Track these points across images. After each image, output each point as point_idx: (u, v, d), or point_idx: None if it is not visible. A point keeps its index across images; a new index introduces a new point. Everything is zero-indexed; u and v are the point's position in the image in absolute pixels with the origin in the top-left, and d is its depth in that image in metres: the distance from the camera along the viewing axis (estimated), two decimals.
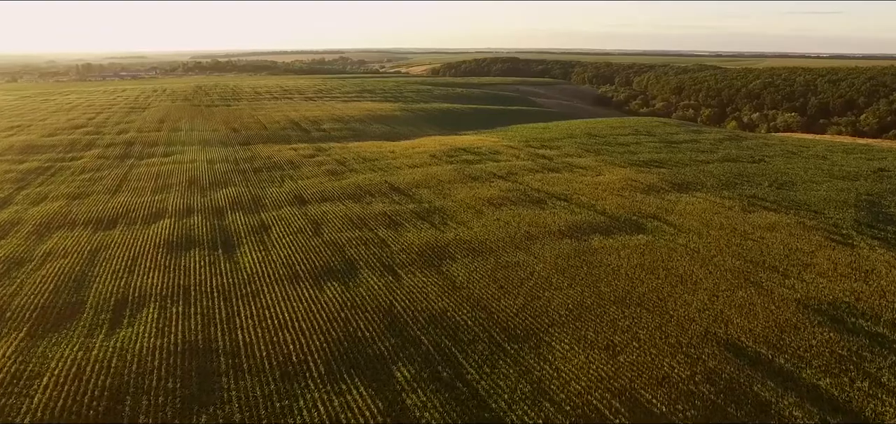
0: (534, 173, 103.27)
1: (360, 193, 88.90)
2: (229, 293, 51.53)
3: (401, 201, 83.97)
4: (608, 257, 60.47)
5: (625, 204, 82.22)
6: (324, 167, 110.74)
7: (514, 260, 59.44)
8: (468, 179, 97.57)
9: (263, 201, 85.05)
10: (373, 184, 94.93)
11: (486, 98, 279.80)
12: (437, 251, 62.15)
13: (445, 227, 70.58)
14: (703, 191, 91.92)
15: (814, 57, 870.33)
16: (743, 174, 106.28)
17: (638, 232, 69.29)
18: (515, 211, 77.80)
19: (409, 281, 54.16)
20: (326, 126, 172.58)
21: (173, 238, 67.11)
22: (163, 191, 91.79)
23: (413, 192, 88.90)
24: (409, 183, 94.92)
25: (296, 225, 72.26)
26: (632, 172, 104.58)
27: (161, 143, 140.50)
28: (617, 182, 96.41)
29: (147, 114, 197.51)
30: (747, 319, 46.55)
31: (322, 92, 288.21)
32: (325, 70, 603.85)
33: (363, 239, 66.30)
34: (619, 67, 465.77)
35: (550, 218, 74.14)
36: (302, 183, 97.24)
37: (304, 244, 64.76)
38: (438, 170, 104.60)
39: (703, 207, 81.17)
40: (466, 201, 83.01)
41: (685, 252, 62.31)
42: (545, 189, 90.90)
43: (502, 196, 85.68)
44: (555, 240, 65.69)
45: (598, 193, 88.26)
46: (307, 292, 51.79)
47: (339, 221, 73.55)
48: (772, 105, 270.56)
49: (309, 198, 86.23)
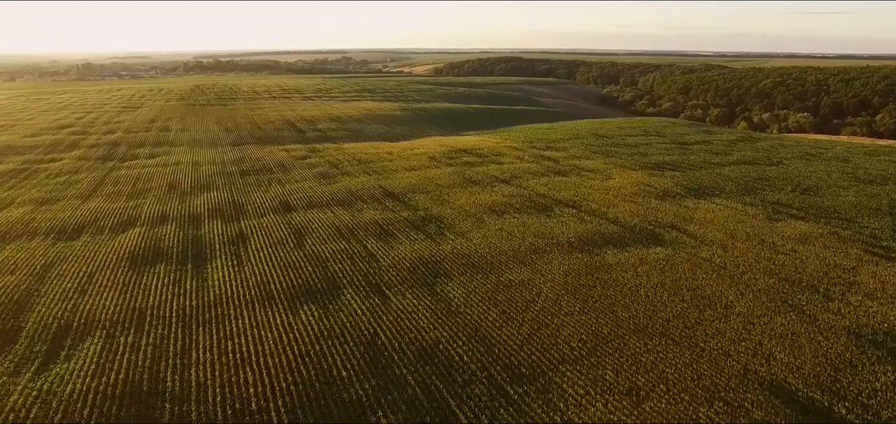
0: (539, 177, 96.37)
1: (351, 199, 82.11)
2: (190, 318, 44.76)
3: (394, 208, 77.14)
4: (624, 274, 53.54)
5: (639, 211, 75.25)
6: (315, 170, 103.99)
7: (518, 277, 52.57)
8: (468, 183, 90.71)
9: (246, 208, 78.32)
10: (366, 188, 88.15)
11: (489, 98, 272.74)
12: (431, 267, 55.31)
13: (442, 238, 63.73)
14: (722, 196, 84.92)
15: (820, 57, 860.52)
16: (762, 178, 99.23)
17: (655, 245, 62.34)
18: (519, 219, 70.91)
19: (397, 303, 47.33)
20: (323, 126, 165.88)
21: (139, 250, 60.39)
22: (139, 197, 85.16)
23: (408, 198, 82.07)
24: (405, 187, 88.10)
25: (277, 235, 65.48)
26: (644, 176, 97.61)
27: (148, 144, 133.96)
28: (628, 186, 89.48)
29: (138, 113, 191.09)
30: (792, 353, 39.61)
31: (321, 91, 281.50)
32: (327, 70, 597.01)
33: (349, 252, 59.47)
34: (623, 67, 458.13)
35: (558, 227, 67.22)
36: (290, 187, 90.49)
37: (284, 258, 57.99)
38: (437, 174, 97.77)
39: (724, 215, 74.17)
40: (466, 208, 76.15)
41: (710, 268, 55.36)
42: (552, 194, 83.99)
43: (505, 202, 78.80)
44: (563, 254, 58.79)
45: (609, 199, 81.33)
46: (280, 317, 45.00)
47: (325, 231, 66.74)
48: (783, 105, 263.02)
49: (295, 205, 79.46)
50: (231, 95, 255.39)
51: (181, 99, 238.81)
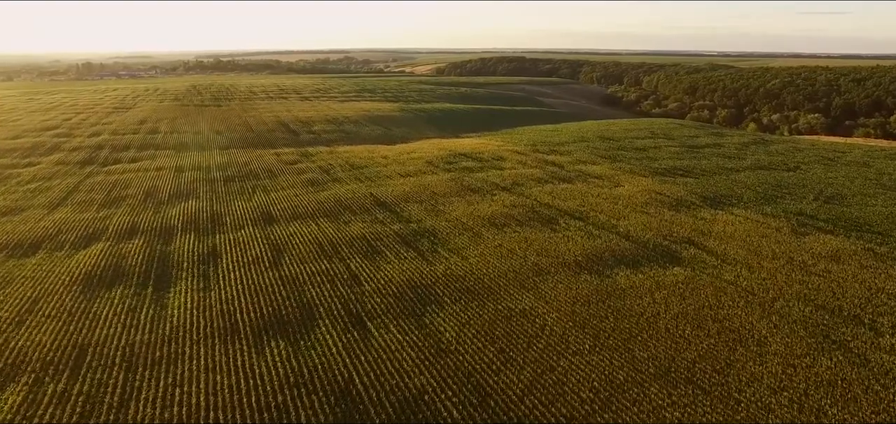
0: (542, 184, 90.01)
1: (339, 209, 75.83)
2: (137, 358, 38.54)
3: (385, 220, 70.85)
4: (640, 301, 47.16)
5: (652, 224, 68.83)
6: (304, 176, 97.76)
7: (518, 305, 46.23)
8: (467, 192, 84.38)
9: (224, 219, 72.11)
10: (356, 197, 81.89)
11: (491, 98, 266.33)
12: (420, 292, 49.01)
13: (435, 257, 57.43)
14: (740, 206, 78.48)
15: (824, 56, 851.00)
16: (781, 184, 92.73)
17: (673, 264, 55.94)
18: (521, 233, 64.57)
19: (379, 339, 41.04)
20: (318, 127, 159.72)
21: (97, 271, 54.20)
22: (111, 206, 79.03)
23: (401, 208, 75.78)
24: (398, 196, 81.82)
25: (253, 252, 59.23)
26: (654, 183, 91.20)
27: (133, 147, 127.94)
28: (639, 195, 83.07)
29: (129, 114, 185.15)
30: (848, 409, 33.25)
31: (320, 91, 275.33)
32: (328, 70, 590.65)
33: (331, 273, 53.19)
34: (627, 67, 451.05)
35: (564, 244, 60.85)
36: (275, 195, 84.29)
37: (257, 280, 51.74)
38: (433, 180, 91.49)
39: (745, 228, 67.73)
40: (463, 220, 69.83)
41: (736, 293, 48.97)
42: (556, 204, 77.62)
43: (506, 213, 72.46)
44: (570, 276, 52.44)
45: (619, 210, 74.93)
46: (242, 357, 38.76)
47: (307, 247, 60.47)
48: (792, 105, 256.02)
49: (278, 216, 73.21)
50: (227, 95, 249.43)
51: (176, 99, 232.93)
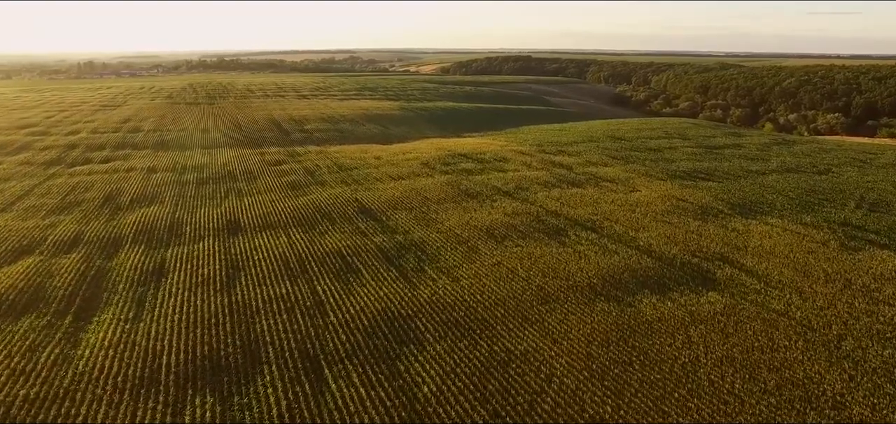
0: (549, 188, 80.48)
1: (317, 217, 66.52)
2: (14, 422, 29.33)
3: (367, 230, 61.49)
4: (672, 341, 37.64)
5: (676, 236, 59.22)
6: (286, 178, 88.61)
7: (520, 345, 36.80)
8: (464, 197, 74.95)
9: (183, 229, 62.92)
10: (338, 203, 72.58)
11: (496, 97, 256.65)
12: (398, 325, 39.63)
13: (420, 278, 48.01)
14: (774, 214, 68.76)
15: (834, 56, 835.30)
16: (815, 190, 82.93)
17: (707, 288, 46.37)
18: (524, 248, 55.08)
19: (336, 394, 31.68)
20: (311, 126, 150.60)
21: (12, 294, 45.03)
22: (62, 212, 69.99)
23: (387, 216, 66.39)
24: (386, 202, 72.45)
25: (205, 270, 49.95)
26: (674, 187, 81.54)
27: (109, 147, 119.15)
28: (658, 201, 73.45)
29: (115, 112, 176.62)
30: None
31: (319, 90, 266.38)
32: (333, 69, 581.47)
33: (291, 299, 43.86)
34: (635, 66, 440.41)
35: (574, 261, 51.32)
36: (249, 200, 75.11)
37: (199, 308, 42.48)
38: (427, 184, 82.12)
39: (786, 242, 58.05)
40: (457, 231, 60.38)
41: (791, 329, 39.38)
42: (565, 212, 68.06)
43: (507, 223, 62.97)
44: (583, 304, 42.95)
45: (637, 219, 65.32)
46: (154, 421, 29.48)
47: (269, 264, 51.18)
48: (810, 105, 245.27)
49: (246, 225, 63.96)
50: (222, 93, 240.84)
51: (168, 97, 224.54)
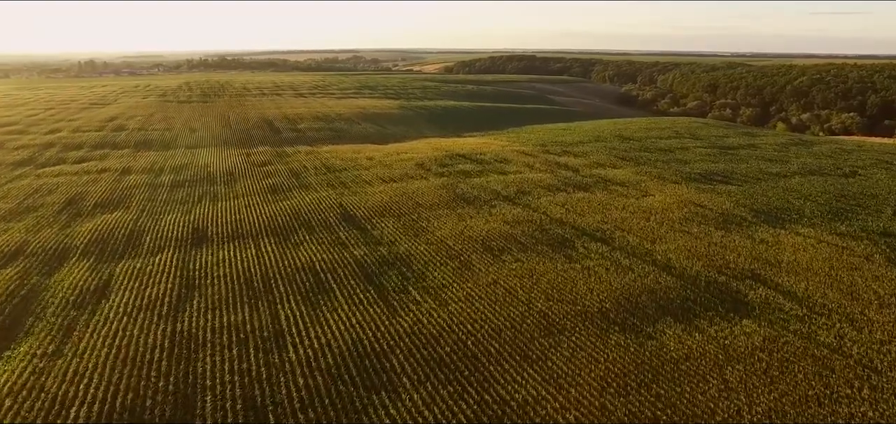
0: (554, 192, 73.45)
1: (294, 225, 59.64)
2: None
3: (348, 240, 54.58)
4: (705, 386, 30.62)
5: (698, 249, 52.15)
6: (268, 181, 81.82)
7: (517, 394, 29.84)
8: (459, 203, 67.96)
9: (142, 239, 56.10)
10: (320, 208, 65.67)
11: (499, 96, 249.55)
12: (369, 365, 32.70)
13: (402, 301, 41.06)
14: (804, 223, 61.63)
15: (840, 57, 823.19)
16: (845, 194, 75.76)
17: (739, 314, 39.31)
18: (525, 263, 48.07)
19: None
20: (304, 125, 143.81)
21: None
22: (14, 219, 63.20)
23: (372, 224, 59.45)
24: (373, 208, 65.52)
25: (153, 291, 43.06)
26: (691, 191, 74.45)
27: (87, 146, 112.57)
28: (674, 207, 66.36)
29: (103, 111, 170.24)
30: None
31: (318, 88, 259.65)
32: (335, 69, 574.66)
33: (246, 330, 36.98)
34: (641, 65, 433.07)
35: (583, 280, 44.30)
36: (222, 205, 68.28)
37: (134, 340, 35.62)
38: (421, 187, 75.16)
39: (823, 256, 50.94)
40: (449, 242, 53.42)
41: (850, 370, 32.32)
42: (571, 220, 61.01)
43: (506, 232, 55.98)
44: (595, 336, 35.97)
45: (652, 228, 58.25)
46: None
47: (230, 284, 44.29)
48: (823, 104, 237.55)
49: (213, 234, 57.10)
50: (217, 92, 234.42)
51: (162, 95, 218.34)
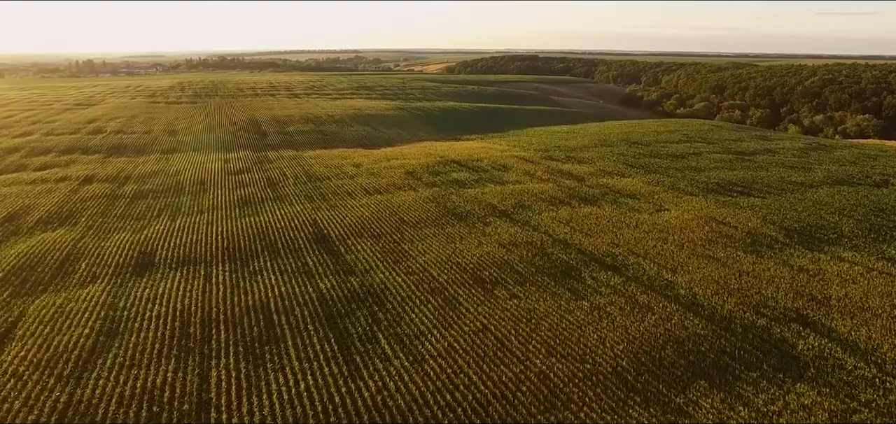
0: (557, 206, 65.35)
1: (258, 248, 51.64)
2: None
3: (316, 268, 46.55)
4: None
5: (727, 280, 44.02)
6: (241, 192, 73.93)
7: None
8: (449, 219, 59.91)
9: (77, 265, 48.14)
10: (291, 226, 57.69)
11: (501, 97, 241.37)
12: None
13: (368, 354, 33.01)
14: (845, 244, 53.51)
15: (847, 57, 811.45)
16: (882, 208, 67.54)
17: (790, 375, 31.21)
18: (523, 301, 40.00)
19: None
20: (293, 128, 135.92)
21: None
22: None
23: (347, 247, 51.42)
24: (351, 225, 57.51)
25: (63, 339, 35.04)
26: (710, 205, 66.30)
27: (56, 151, 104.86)
28: (693, 224, 58.26)
29: (86, 112, 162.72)
30: None
31: (313, 88, 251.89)
32: (336, 69, 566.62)
33: (161, 400, 28.99)
34: (645, 66, 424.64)
35: (593, 325, 36.24)
36: (182, 221, 60.35)
37: (11, 416, 27.71)
38: (408, 200, 67.15)
39: (879, 290, 42.76)
40: (433, 271, 45.37)
41: None
42: (577, 241, 52.92)
43: (502, 258, 47.92)
44: (609, 410, 27.90)
45: (671, 252, 50.16)
46: None
47: (160, 329, 36.29)
48: (836, 105, 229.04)
49: (161, 259, 49.12)
50: (209, 92, 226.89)
51: (151, 96, 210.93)
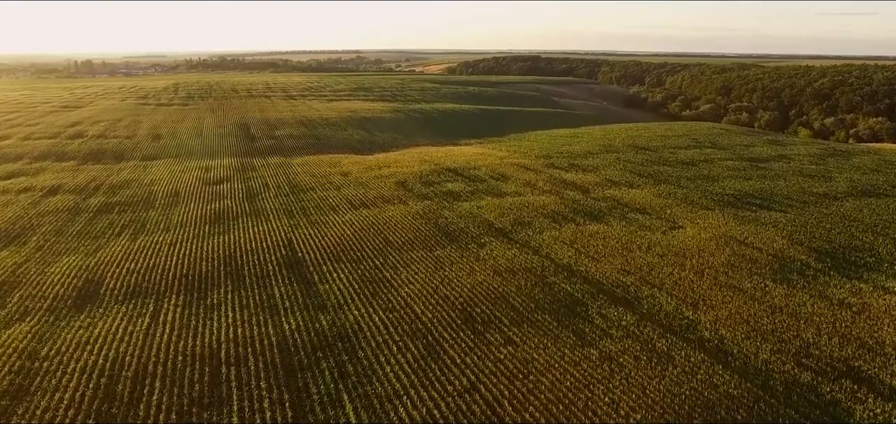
0: (560, 224, 59.16)
1: (220, 275, 45.49)
2: None
3: (283, 301, 40.43)
4: None
5: (758, 318, 37.80)
6: (216, 205, 67.84)
7: None
8: (440, 240, 53.75)
9: (8, 298, 41.90)
10: (264, 247, 51.54)
11: (502, 98, 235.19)
12: None
13: None
14: (885, 271, 47.28)
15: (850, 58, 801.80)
16: None
17: None
18: (519, 348, 33.77)
19: None
20: (283, 132, 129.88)
21: None
22: None
23: (322, 274, 45.27)
24: (329, 246, 51.36)
25: None
26: (728, 221, 60.06)
27: (28, 157, 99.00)
28: (712, 246, 52.02)
29: (71, 114, 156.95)
30: None
31: (310, 90, 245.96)
32: (337, 69, 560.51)
33: None
34: (648, 66, 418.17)
35: (603, 384, 30.03)
36: (142, 241, 54.25)
37: None
38: (396, 216, 61.01)
39: None
40: (417, 306, 39.22)
41: None
42: (584, 268, 46.69)
43: (496, 291, 41.73)
44: None
45: (690, 281, 43.92)
46: None
47: (77, 389, 30.23)
48: (848, 108, 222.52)
49: (108, 289, 42.98)
50: (203, 94, 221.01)
51: (142, 98, 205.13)
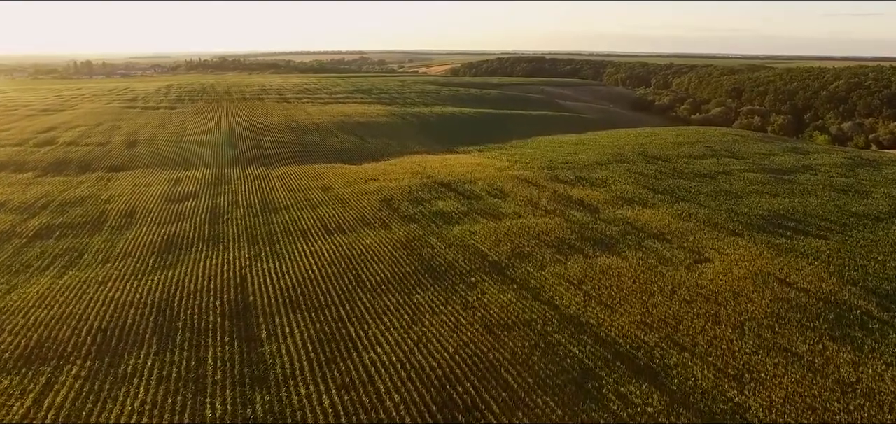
0: (566, 255, 50.34)
1: (148, 330, 36.92)
2: None
3: (213, 371, 31.75)
4: None
5: (828, 403, 28.83)
6: (172, 228, 59.33)
7: None
8: (423, 279, 45.00)
9: None
10: (210, 288, 42.91)
11: (505, 100, 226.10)
12: None
13: None
14: None
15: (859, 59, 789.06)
16: None
17: None
18: None
19: None
20: (270, 139, 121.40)
21: None
22: None
23: (271, 329, 36.57)
24: (290, 286, 42.63)
25: None
26: (762, 251, 51.20)
27: None
28: (749, 286, 43.19)
29: (49, 118, 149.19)
30: None
31: (306, 92, 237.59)
32: (338, 70, 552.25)
33: None
34: (654, 68, 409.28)
35: None
36: (72, 277, 45.67)
37: None
38: (374, 244, 52.34)
39: None
40: (381, 385, 30.42)
41: None
42: (595, 319, 37.88)
43: (485, 358, 32.91)
44: None
45: (728, 340, 35.12)
46: None
47: None
48: (866, 111, 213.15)
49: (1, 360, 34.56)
50: (195, 97, 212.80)
51: (129, 100, 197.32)
